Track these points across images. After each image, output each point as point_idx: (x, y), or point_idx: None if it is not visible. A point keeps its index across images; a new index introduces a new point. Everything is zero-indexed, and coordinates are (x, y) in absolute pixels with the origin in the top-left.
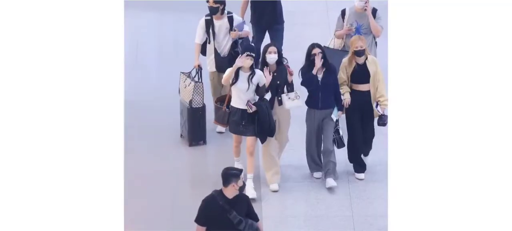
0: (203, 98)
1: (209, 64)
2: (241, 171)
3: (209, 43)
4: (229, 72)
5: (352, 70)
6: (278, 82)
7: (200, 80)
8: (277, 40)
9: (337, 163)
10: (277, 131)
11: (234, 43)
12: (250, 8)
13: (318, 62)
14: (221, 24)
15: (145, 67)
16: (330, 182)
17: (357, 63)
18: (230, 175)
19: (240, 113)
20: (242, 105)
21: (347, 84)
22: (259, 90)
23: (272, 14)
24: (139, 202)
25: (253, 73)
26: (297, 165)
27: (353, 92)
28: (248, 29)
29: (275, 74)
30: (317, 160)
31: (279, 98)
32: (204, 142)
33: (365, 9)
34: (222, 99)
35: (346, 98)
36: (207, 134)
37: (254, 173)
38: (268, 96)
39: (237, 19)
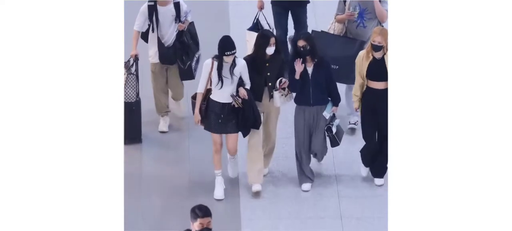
0: (137, 93)
1: (151, 55)
2: (205, 210)
3: (152, 31)
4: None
5: (368, 64)
6: (269, 73)
7: (134, 72)
8: (300, 23)
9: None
10: (264, 124)
11: (180, 33)
12: None
13: (299, 68)
14: (165, 11)
15: None
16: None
17: (374, 57)
18: (191, 213)
19: (219, 107)
20: (223, 99)
21: (362, 80)
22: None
23: None
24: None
25: (234, 65)
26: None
27: (367, 90)
28: (190, 19)
29: (268, 64)
30: (307, 166)
31: (271, 93)
32: (140, 141)
33: None
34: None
35: (355, 106)
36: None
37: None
38: (248, 85)
39: (183, 6)
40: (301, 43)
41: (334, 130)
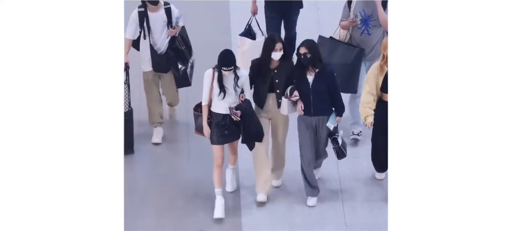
0: (129, 102)
1: (143, 62)
2: None
3: (144, 38)
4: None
5: (383, 77)
6: (277, 81)
7: (125, 81)
8: (291, 27)
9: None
10: (272, 134)
11: (172, 39)
12: None
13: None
14: (156, 17)
15: None
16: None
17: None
18: None
19: (221, 118)
20: (223, 110)
21: (376, 94)
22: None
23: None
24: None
25: (237, 77)
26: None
27: (381, 103)
28: (182, 23)
29: (276, 71)
30: (312, 179)
31: (279, 100)
32: (132, 152)
33: None
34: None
35: (367, 122)
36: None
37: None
38: (250, 96)
39: (175, 11)
40: (302, 50)
41: (340, 141)
